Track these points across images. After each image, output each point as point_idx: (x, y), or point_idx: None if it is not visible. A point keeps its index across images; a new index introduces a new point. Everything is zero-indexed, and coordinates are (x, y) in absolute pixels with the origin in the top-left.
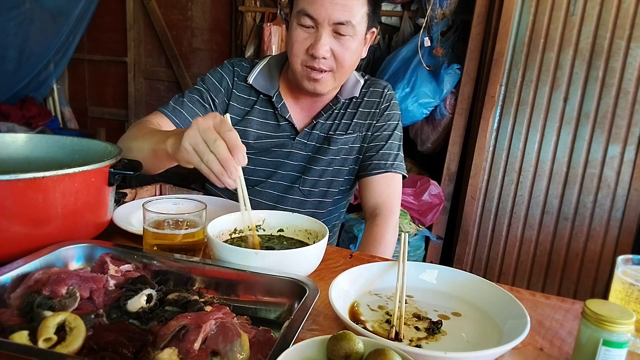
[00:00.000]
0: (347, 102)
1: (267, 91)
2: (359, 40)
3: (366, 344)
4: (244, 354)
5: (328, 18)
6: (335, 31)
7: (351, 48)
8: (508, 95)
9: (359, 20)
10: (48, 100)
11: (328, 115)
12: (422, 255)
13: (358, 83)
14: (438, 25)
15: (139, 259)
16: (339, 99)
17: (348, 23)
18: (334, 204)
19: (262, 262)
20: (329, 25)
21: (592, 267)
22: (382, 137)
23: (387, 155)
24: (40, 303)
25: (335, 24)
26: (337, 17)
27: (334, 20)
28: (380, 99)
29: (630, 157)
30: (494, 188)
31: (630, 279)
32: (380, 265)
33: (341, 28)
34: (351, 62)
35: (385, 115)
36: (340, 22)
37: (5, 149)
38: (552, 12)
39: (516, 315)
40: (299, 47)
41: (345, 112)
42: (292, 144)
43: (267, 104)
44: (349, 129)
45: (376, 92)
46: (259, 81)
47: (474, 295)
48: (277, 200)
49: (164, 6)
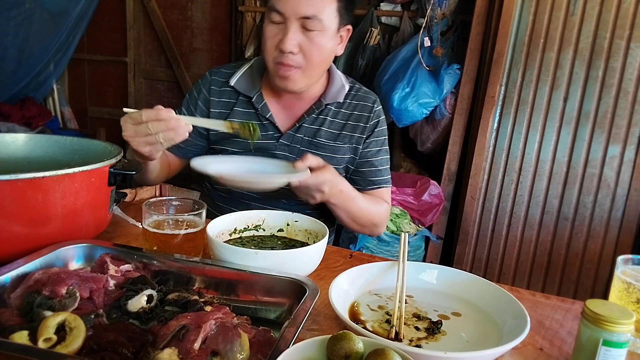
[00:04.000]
0: (332, 109)
1: (247, 92)
2: (329, 36)
3: (366, 344)
4: (244, 354)
5: (295, 12)
6: (303, 26)
7: (319, 44)
8: (508, 95)
9: (327, 15)
10: (48, 100)
11: (313, 119)
12: (422, 255)
13: (343, 88)
14: (438, 25)
15: (139, 259)
16: (322, 102)
17: (315, 17)
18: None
19: (262, 262)
20: (296, 19)
21: (592, 267)
22: (373, 154)
23: (379, 172)
24: (40, 303)
25: (302, 19)
26: (304, 11)
27: (300, 15)
28: (370, 114)
29: (630, 157)
30: (494, 188)
31: (630, 279)
32: (380, 265)
33: (308, 23)
34: (321, 59)
35: (376, 132)
36: (307, 16)
37: (5, 149)
38: (552, 12)
39: (516, 315)
40: (270, 43)
41: (332, 120)
42: (276, 145)
43: (248, 105)
44: (337, 139)
45: (366, 106)
46: (240, 83)
47: (474, 295)
48: (267, 202)
49: (164, 6)
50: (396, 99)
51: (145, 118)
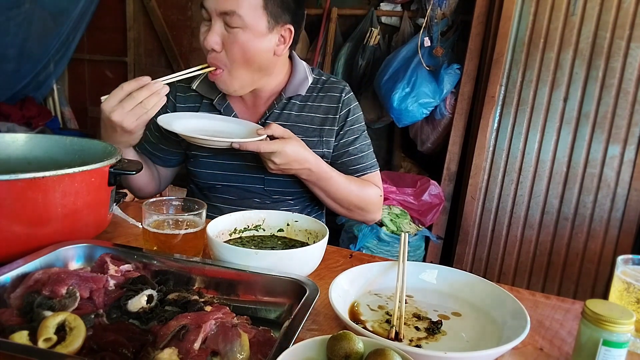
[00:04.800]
0: (297, 103)
1: (209, 95)
2: (255, 34)
3: (366, 344)
4: (244, 354)
5: (215, 8)
6: (225, 23)
7: (241, 41)
8: (508, 95)
9: (246, 11)
10: (48, 100)
11: (277, 115)
12: (422, 255)
13: (306, 80)
14: (438, 25)
15: (139, 259)
16: (282, 96)
17: (233, 13)
18: (305, 202)
19: (262, 262)
20: (217, 16)
21: (592, 267)
22: (349, 142)
23: (361, 158)
24: (40, 303)
25: (221, 14)
26: (222, 7)
27: (219, 10)
28: (339, 104)
29: (630, 157)
30: (494, 188)
31: (630, 279)
32: (380, 265)
33: (228, 19)
34: (245, 58)
35: (349, 121)
36: (225, 11)
37: (5, 149)
38: (552, 12)
39: (516, 315)
40: (202, 42)
41: (298, 115)
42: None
43: (212, 108)
44: (305, 133)
45: (334, 97)
46: (202, 86)
47: (474, 295)
48: (243, 202)
49: (164, 6)
50: (396, 99)
51: (127, 89)
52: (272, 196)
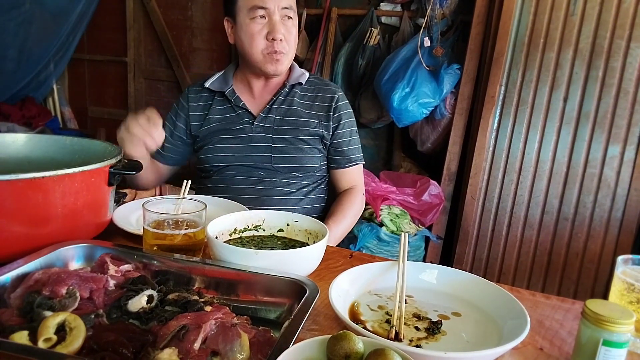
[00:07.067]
0: (298, 91)
1: (221, 89)
2: (294, 24)
3: (366, 344)
4: (244, 354)
5: (278, 4)
6: (283, 16)
7: (294, 31)
8: (508, 95)
9: (294, 5)
10: (48, 100)
11: (281, 101)
12: (422, 255)
13: (304, 74)
14: (438, 25)
15: (139, 259)
16: (286, 84)
17: (291, 7)
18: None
19: (262, 262)
20: (278, 11)
21: (592, 267)
22: (344, 134)
23: (353, 150)
24: (40, 303)
25: (283, 9)
26: (286, 2)
27: (283, 5)
28: (331, 103)
29: (630, 157)
30: (494, 188)
31: (630, 279)
32: (380, 265)
33: (287, 12)
34: (295, 44)
35: (342, 124)
36: (286, 6)
37: (5, 149)
38: (552, 12)
39: (516, 315)
40: (258, 37)
41: (300, 101)
42: (252, 128)
43: (224, 101)
44: (309, 111)
45: (326, 97)
46: (214, 83)
47: (474, 295)
48: (251, 181)
49: (164, 6)
50: (396, 99)
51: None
52: (279, 171)
